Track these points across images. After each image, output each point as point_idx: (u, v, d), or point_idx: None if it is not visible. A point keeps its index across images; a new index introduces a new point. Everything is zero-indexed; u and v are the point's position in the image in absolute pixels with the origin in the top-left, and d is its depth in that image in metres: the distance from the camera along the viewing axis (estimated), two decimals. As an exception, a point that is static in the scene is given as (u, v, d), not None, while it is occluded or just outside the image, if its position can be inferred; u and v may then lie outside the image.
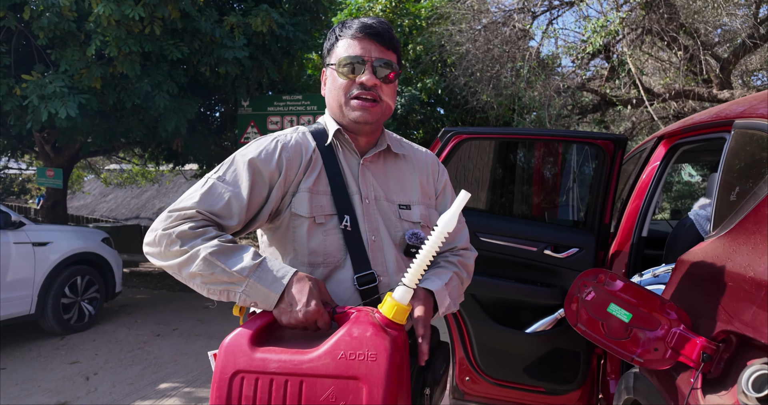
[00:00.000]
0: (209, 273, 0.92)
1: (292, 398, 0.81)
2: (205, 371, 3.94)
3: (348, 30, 1.10)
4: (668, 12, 5.62)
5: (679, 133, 2.08)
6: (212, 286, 0.94)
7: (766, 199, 1.07)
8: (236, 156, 1.08)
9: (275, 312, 0.94)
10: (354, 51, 1.08)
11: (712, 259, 1.12)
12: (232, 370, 0.86)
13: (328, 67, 1.14)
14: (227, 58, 5.29)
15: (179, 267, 0.94)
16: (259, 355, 0.86)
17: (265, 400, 0.82)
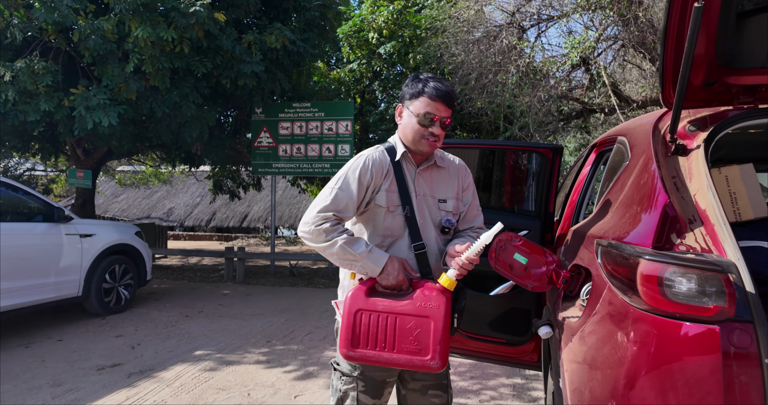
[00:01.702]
0: (342, 253, 1.52)
1: (390, 326, 1.45)
2: (231, 342, 4.63)
3: (429, 90, 1.60)
4: (640, 29, 6.25)
5: (604, 142, 2.74)
6: (342, 261, 1.54)
7: (610, 189, 1.73)
8: (347, 172, 1.62)
9: (378, 278, 1.52)
10: (431, 110, 1.59)
11: (579, 227, 1.79)
12: (356, 308, 1.48)
13: (409, 107, 1.64)
14: (246, 72, 5.98)
15: (324, 249, 1.53)
16: (370, 300, 1.49)
17: (374, 326, 1.46)
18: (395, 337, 1.44)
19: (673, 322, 1.06)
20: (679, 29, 1.36)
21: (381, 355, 1.43)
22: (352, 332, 1.46)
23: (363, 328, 1.46)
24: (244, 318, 5.63)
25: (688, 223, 1.23)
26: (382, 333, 1.44)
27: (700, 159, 1.40)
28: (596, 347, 1.28)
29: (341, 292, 1.73)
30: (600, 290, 1.34)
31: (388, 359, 1.43)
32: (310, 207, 1.59)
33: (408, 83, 1.68)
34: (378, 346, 1.44)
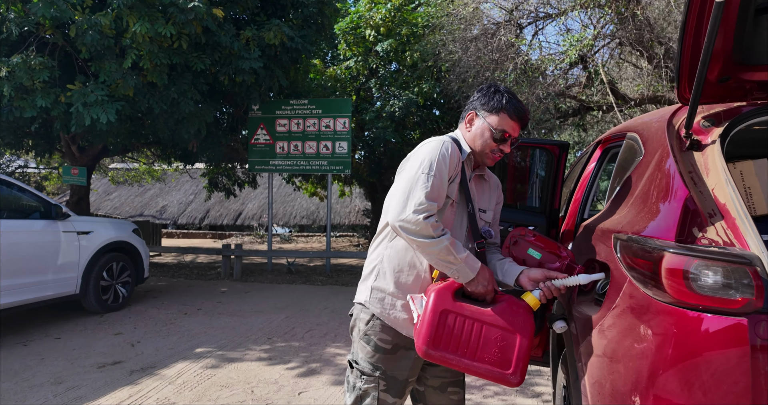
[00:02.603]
0: (445, 255, 1.43)
1: (476, 333, 1.42)
2: (232, 340, 4.61)
3: (510, 107, 1.61)
4: (636, 27, 6.29)
5: (610, 139, 2.76)
6: (439, 261, 1.45)
7: (623, 184, 1.75)
8: (436, 158, 1.51)
9: (468, 284, 1.47)
10: (507, 128, 1.61)
11: (593, 222, 1.80)
12: (442, 308, 1.43)
13: (485, 118, 1.63)
14: (244, 68, 5.95)
15: (426, 245, 1.41)
16: (457, 303, 1.45)
17: (459, 330, 1.42)
18: (479, 345, 1.41)
19: (700, 314, 1.07)
20: (697, 25, 1.37)
21: (461, 360, 1.40)
22: (435, 331, 1.41)
23: (447, 329, 1.42)
24: (243, 315, 5.61)
25: (708, 217, 1.24)
26: (466, 338, 1.41)
27: (717, 154, 1.42)
28: (617, 340, 1.29)
29: (366, 288, 1.68)
30: (619, 284, 1.35)
31: (467, 366, 1.40)
32: (407, 196, 1.46)
33: (485, 92, 1.67)
34: (460, 350, 1.41)
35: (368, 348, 1.64)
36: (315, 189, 14.17)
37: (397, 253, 1.63)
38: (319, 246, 16.57)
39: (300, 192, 15.90)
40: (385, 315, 1.62)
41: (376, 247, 1.71)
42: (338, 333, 4.85)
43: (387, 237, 1.67)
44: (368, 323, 1.64)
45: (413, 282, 1.62)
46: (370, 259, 1.72)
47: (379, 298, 1.63)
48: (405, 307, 1.60)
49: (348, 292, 7.27)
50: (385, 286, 1.63)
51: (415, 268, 1.62)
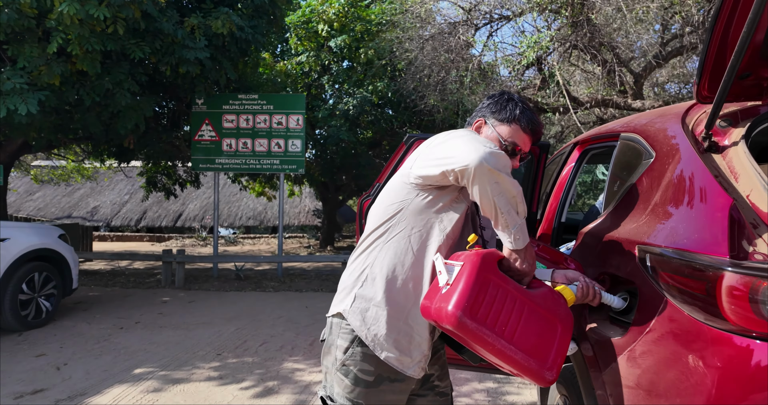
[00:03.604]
0: (519, 200, 1.25)
1: (517, 312, 1.20)
2: (177, 357, 4.17)
3: (524, 120, 1.49)
4: (591, 31, 6.42)
5: (589, 140, 2.66)
6: (511, 208, 1.23)
7: (630, 189, 1.61)
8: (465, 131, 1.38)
9: (514, 254, 1.28)
10: (519, 141, 1.49)
11: (597, 229, 1.65)
12: (486, 274, 1.22)
13: (495, 128, 1.50)
14: (189, 58, 5.46)
15: (511, 183, 1.22)
16: (501, 273, 1.25)
17: (501, 303, 1.20)
18: (517, 327, 1.18)
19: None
20: (731, 13, 1.24)
21: (498, 340, 1.16)
22: (476, 298, 1.17)
23: (488, 300, 1.19)
24: (188, 328, 5.14)
25: (753, 228, 1.10)
26: (506, 316, 1.19)
27: (744, 156, 1.29)
28: (656, 371, 1.12)
29: (348, 296, 1.40)
30: (653, 305, 1.19)
31: (501, 349, 1.16)
32: (464, 140, 1.28)
33: (497, 100, 1.53)
34: (498, 328, 1.17)
35: (346, 381, 1.38)
36: (263, 189, 13.61)
37: (395, 255, 1.39)
38: (267, 248, 15.96)
39: (246, 192, 15.21)
40: (363, 331, 1.36)
41: (366, 249, 1.44)
42: (295, 345, 4.53)
43: (383, 236, 1.41)
44: (347, 351, 1.38)
45: (408, 292, 1.38)
46: (357, 264, 1.45)
47: (362, 308, 1.37)
48: (390, 324, 1.36)
49: (303, 298, 6.92)
50: (371, 294, 1.37)
51: (413, 274, 1.38)
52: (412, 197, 1.39)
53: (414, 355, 1.40)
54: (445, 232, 1.39)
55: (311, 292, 7.42)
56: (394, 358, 1.37)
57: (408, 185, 1.40)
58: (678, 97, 9.08)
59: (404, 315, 1.38)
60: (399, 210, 1.40)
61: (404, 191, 1.41)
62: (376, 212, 1.46)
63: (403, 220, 1.39)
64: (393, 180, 1.48)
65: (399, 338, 1.37)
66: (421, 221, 1.39)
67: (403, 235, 1.39)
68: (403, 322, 1.38)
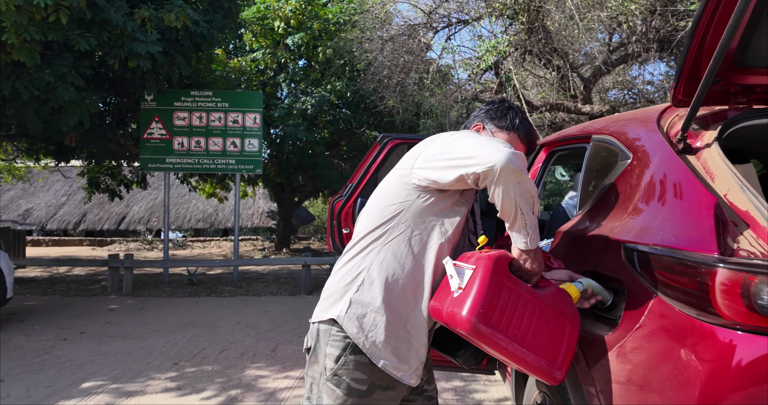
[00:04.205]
0: (537, 200, 1.26)
1: (529, 314, 1.21)
2: (129, 368, 3.92)
3: (522, 129, 1.51)
4: (545, 37, 6.66)
5: (555, 142, 2.73)
6: (529, 207, 1.23)
7: (608, 189, 1.66)
8: (474, 132, 1.39)
9: (525, 255, 1.28)
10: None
11: (576, 229, 1.69)
12: (499, 277, 1.22)
13: (493, 134, 1.51)
14: (139, 52, 5.17)
15: (529, 182, 1.22)
16: (512, 276, 1.25)
17: (513, 307, 1.21)
18: (529, 329, 1.19)
19: (764, 338, 0.96)
20: (709, 21, 1.29)
21: (511, 343, 1.17)
22: (490, 303, 1.17)
23: (501, 304, 1.19)
24: (140, 337, 4.85)
25: (734, 226, 1.15)
26: (518, 319, 1.20)
27: (718, 157, 1.35)
28: (648, 366, 1.15)
29: (342, 301, 1.34)
30: (642, 302, 1.22)
31: (514, 352, 1.16)
32: (480, 141, 1.25)
33: (497, 107, 1.55)
34: (511, 331, 1.18)
35: (338, 391, 1.31)
36: (214, 190, 13.11)
37: (394, 259, 1.33)
38: (218, 251, 15.44)
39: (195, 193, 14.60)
40: (360, 338, 1.30)
41: (361, 252, 1.37)
42: (257, 351, 4.38)
43: (381, 238, 1.35)
44: (339, 360, 1.31)
45: (407, 297, 1.33)
46: (350, 267, 1.37)
47: (359, 314, 1.30)
48: (389, 331, 1.31)
49: (262, 302, 6.72)
50: (369, 299, 1.31)
51: (413, 279, 1.33)
52: (413, 199, 1.35)
53: (412, 362, 1.36)
54: (446, 235, 1.36)
55: (270, 295, 7.23)
56: (392, 366, 1.33)
57: (408, 186, 1.36)
58: (622, 102, 9.60)
59: (403, 321, 1.34)
60: (398, 211, 1.35)
61: (404, 192, 1.36)
62: (371, 213, 1.40)
63: (402, 222, 1.35)
64: (389, 180, 1.43)
65: (398, 345, 1.33)
66: (421, 224, 1.35)
67: (403, 237, 1.34)
68: (401, 328, 1.33)
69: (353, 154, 11.55)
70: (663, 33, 6.38)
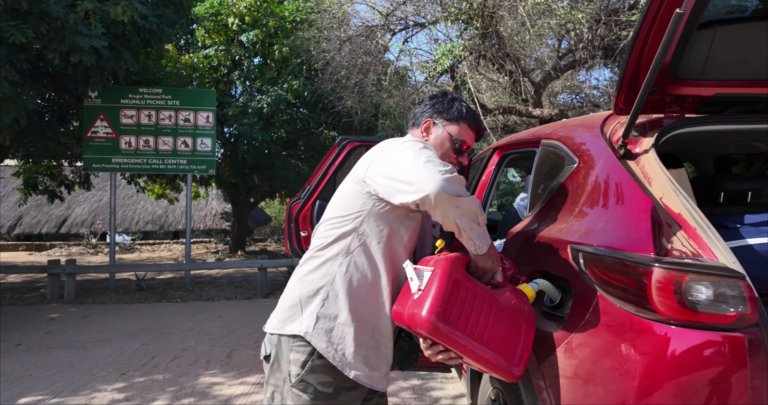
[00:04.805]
0: (479, 213, 1.28)
1: (486, 312, 1.26)
2: (72, 380, 3.70)
3: (470, 118, 1.56)
4: (498, 42, 6.86)
5: (508, 145, 2.82)
6: (473, 223, 1.27)
7: (556, 192, 1.74)
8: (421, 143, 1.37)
9: (480, 257, 1.32)
10: (467, 138, 1.55)
11: (527, 230, 1.76)
12: (456, 277, 1.26)
13: (444, 127, 1.54)
14: (82, 46, 4.90)
15: (470, 202, 1.24)
16: (469, 276, 1.30)
17: (470, 305, 1.25)
18: (487, 327, 1.24)
19: (694, 331, 1.03)
20: (646, 37, 1.38)
21: (469, 341, 1.21)
22: (447, 302, 1.21)
23: (459, 303, 1.23)
24: (84, 347, 4.60)
25: (668, 227, 1.23)
26: (476, 317, 1.24)
27: (655, 162, 1.45)
28: (592, 360, 1.21)
29: (307, 315, 1.34)
30: (586, 300, 1.29)
31: (473, 349, 1.21)
32: (427, 161, 1.26)
33: (441, 100, 1.58)
34: (468, 329, 1.22)
35: (305, 396, 1.31)
36: (163, 190, 12.60)
37: (357, 270, 1.35)
38: (168, 254, 14.87)
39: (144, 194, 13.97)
40: (330, 352, 1.31)
41: (323, 264, 1.37)
42: (211, 357, 4.26)
43: (345, 249, 1.36)
44: (305, 365, 1.31)
45: (372, 305, 1.36)
46: (312, 279, 1.37)
47: (327, 328, 1.32)
48: (358, 341, 1.33)
49: (216, 307, 6.53)
50: (336, 313, 1.32)
51: (376, 287, 1.36)
52: (369, 207, 1.36)
53: (382, 368, 1.40)
54: (402, 241, 1.39)
55: (224, 300, 7.04)
56: (364, 375, 1.35)
57: (363, 194, 1.37)
58: (570, 106, 10.03)
59: (370, 329, 1.36)
60: (356, 220, 1.37)
61: (360, 201, 1.38)
62: (330, 222, 1.41)
63: (361, 232, 1.36)
64: (345, 188, 1.44)
65: (367, 354, 1.35)
66: (379, 232, 1.37)
67: (363, 247, 1.36)
68: (369, 336, 1.36)
69: (311, 154, 11.44)
70: (607, 41, 6.72)
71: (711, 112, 1.69)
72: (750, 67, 1.58)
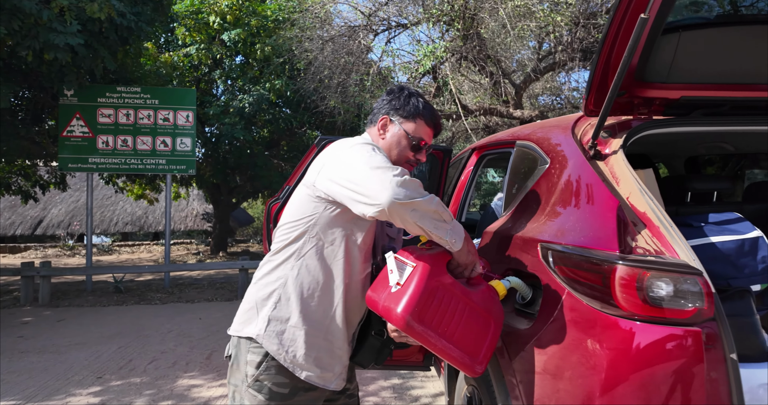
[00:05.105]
0: (441, 211, 1.26)
1: (459, 313, 1.28)
2: (46, 385, 3.63)
3: (426, 114, 1.50)
4: (479, 44, 6.92)
5: (486, 146, 2.86)
6: (437, 222, 1.25)
7: (529, 192, 1.77)
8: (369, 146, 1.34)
9: (458, 253, 1.30)
10: (424, 135, 1.51)
11: (501, 229, 1.79)
12: (437, 278, 1.27)
13: (401, 125, 1.49)
14: (57, 43, 4.79)
15: (426, 202, 1.22)
16: (449, 276, 1.31)
17: (446, 307, 1.27)
18: (459, 327, 1.27)
19: (654, 326, 1.07)
20: (613, 41, 1.42)
21: (439, 340, 1.23)
22: (425, 302, 1.23)
23: (435, 303, 1.25)
24: (59, 351, 4.51)
25: (633, 226, 1.27)
26: (449, 317, 1.26)
27: (623, 163, 1.49)
28: (561, 356, 1.24)
29: (260, 318, 1.35)
30: (555, 297, 1.31)
31: (443, 348, 1.24)
32: (375, 168, 1.24)
33: (397, 95, 1.52)
34: (441, 329, 1.24)
35: (260, 396, 1.33)
36: (143, 191, 12.39)
37: (309, 273, 1.36)
38: (148, 256, 14.64)
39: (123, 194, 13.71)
40: (281, 354, 1.33)
41: (277, 267, 1.39)
42: (190, 360, 4.21)
43: (295, 253, 1.37)
44: (260, 366, 1.33)
45: (325, 308, 1.37)
46: (266, 282, 1.39)
47: (278, 331, 1.33)
48: (309, 343, 1.35)
49: (196, 309, 6.46)
50: (287, 315, 1.34)
51: (329, 290, 1.37)
52: (320, 211, 1.36)
53: (335, 369, 1.40)
54: (356, 243, 1.39)
55: (204, 302, 6.96)
56: (316, 376, 1.36)
57: (314, 199, 1.37)
58: (550, 107, 10.17)
59: (323, 332, 1.37)
60: (308, 224, 1.37)
61: (311, 205, 1.38)
62: (284, 227, 1.41)
63: (313, 236, 1.37)
64: (298, 193, 1.44)
65: (320, 355, 1.36)
66: (331, 235, 1.37)
67: (316, 250, 1.36)
68: (322, 338, 1.37)
69: (294, 154, 11.37)
70: (586, 43, 6.84)
71: (677, 114, 1.74)
72: (714, 71, 1.64)
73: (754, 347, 1.33)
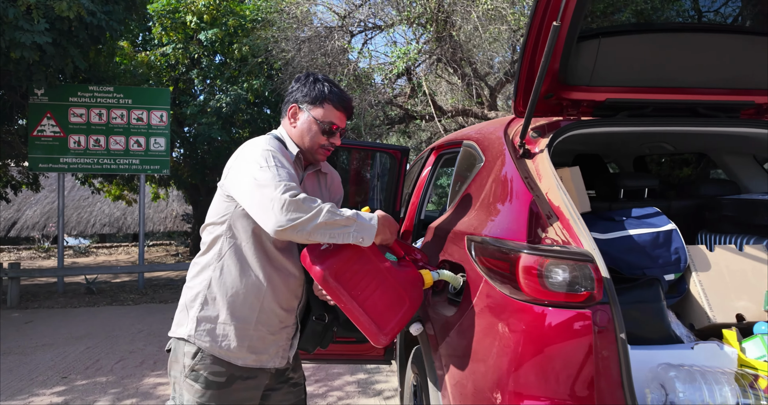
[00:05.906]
0: (331, 219, 1.27)
1: (375, 284, 1.37)
2: (8, 386, 3.61)
3: (334, 97, 1.50)
4: (453, 46, 7.05)
5: (443, 146, 2.95)
6: (334, 230, 1.29)
7: (467, 188, 1.86)
8: (269, 153, 1.36)
9: (378, 237, 1.36)
10: (335, 120, 1.51)
11: (440, 225, 1.88)
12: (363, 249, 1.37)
13: (309, 112, 1.50)
14: (24, 42, 4.76)
15: (310, 220, 1.24)
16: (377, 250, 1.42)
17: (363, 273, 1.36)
18: (372, 295, 1.36)
19: (551, 309, 1.16)
20: (534, 46, 1.51)
21: (351, 301, 1.32)
22: (344, 264, 1.34)
23: (355, 268, 1.36)
24: (24, 352, 4.47)
25: (547, 219, 1.37)
26: (365, 284, 1.36)
27: (546, 161, 1.59)
28: (477, 340, 1.33)
29: (189, 320, 1.41)
30: (476, 285, 1.40)
31: (352, 309, 1.32)
32: (260, 186, 1.27)
33: (303, 82, 1.53)
34: (354, 292, 1.33)
35: (197, 386, 1.38)
36: (121, 192, 12.25)
37: (230, 274, 1.40)
38: (126, 258, 14.46)
39: (100, 195, 13.53)
40: (215, 348, 1.38)
41: (202, 270, 1.44)
42: (158, 359, 4.22)
43: (216, 255, 1.42)
44: (195, 356, 1.38)
45: (251, 303, 1.41)
46: (193, 284, 1.44)
47: (208, 329, 1.39)
48: (240, 336, 1.40)
49: (169, 310, 6.43)
50: (215, 314, 1.39)
51: (252, 286, 1.41)
52: (232, 210, 1.41)
53: (270, 350, 1.45)
54: (270, 238, 1.41)
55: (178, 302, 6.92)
56: (252, 360, 1.42)
57: (225, 198, 1.43)
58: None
59: (252, 324, 1.41)
60: (224, 225, 1.42)
61: (224, 205, 1.43)
62: (206, 230, 1.47)
63: (230, 236, 1.41)
64: (215, 196, 1.49)
65: (252, 343, 1.41)
66: (246, 233, 1.41)
67: (234, 250, 1.41)
68: (253, 329, 1.41)
69: (273, 154, 11.36)
70: (555, 48, 7.01)
71: (605, 115, 1.85)
72: (636, 75, 1.75)
73: (660, 331, 1.44)
